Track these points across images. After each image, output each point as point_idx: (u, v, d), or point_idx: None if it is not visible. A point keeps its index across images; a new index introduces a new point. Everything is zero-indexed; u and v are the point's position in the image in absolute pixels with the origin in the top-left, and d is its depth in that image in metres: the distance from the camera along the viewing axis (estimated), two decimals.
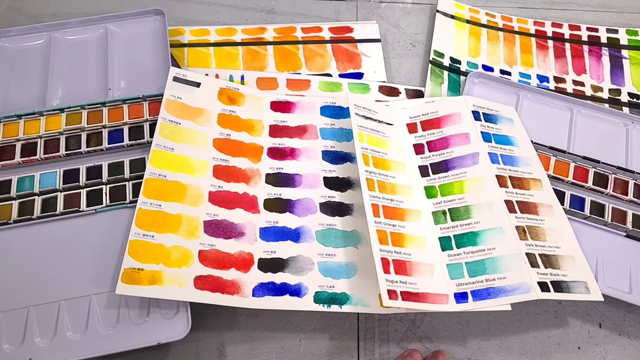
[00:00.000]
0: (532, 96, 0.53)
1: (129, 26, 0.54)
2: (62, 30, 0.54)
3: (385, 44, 0.59)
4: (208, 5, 0.61)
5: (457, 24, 0.60)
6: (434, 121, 0.49)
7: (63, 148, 0.47)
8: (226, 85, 0.50)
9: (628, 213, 0.47)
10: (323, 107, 0.51)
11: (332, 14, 0.61)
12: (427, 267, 0.41)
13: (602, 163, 0.49)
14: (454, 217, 0.44)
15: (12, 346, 0.39)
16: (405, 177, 0.46)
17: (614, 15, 0.63)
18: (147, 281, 0.39)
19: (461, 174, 0.46)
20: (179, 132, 0.46)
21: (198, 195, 0.44)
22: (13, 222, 0.44)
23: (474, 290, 0.40)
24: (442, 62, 0.56)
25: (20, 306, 0.40)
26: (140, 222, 0.41)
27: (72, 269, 0.42)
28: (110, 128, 0.48)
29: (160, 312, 0.40)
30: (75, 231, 0.44)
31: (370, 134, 0.46)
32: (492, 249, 0.42)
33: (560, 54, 0.58)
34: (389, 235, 0.41)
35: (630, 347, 0.44)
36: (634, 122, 0.52)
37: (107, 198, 0.45)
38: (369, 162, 0.44)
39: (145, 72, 0.52)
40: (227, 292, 0.40)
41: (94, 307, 0.41)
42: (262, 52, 0.56)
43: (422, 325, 0.44)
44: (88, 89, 0.51)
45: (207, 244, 0.42)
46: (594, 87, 0.56)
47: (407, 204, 0.44)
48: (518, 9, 0.63)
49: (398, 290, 0.39)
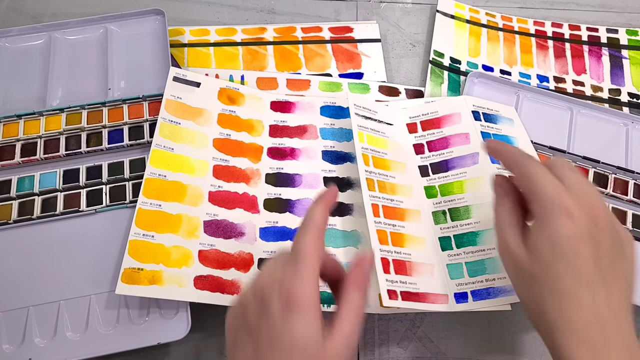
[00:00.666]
0: (532, 96, 0.53)
1: (129, 26, 0.54)
2: (62, 30, 0.54)
3: (385, 44, 0.59)
4: (208, 5, 0.61)
5: (457, 24, 0.60)
6: (434, 121, 0.49)
7: (63, 148, 0.47)
8: (226, 85, 0.50)
9: (628, 213, 0.47)
10: (323, 107, 0.51)
11: (332, 14, 0.61)
12: (427, 267, 0.41)
13: (602, 163, 0.49)
14: (454, 217, 0.44)
15: (12, 346, 0.39)
16: (405, 177, 0.46)
17: (614, 15, 0.63)
18: (147, 281, 0.39)
19: (461, 174, 0.46)
20: (179, 132, 0.46)
21: (198, 195, 0.44)
22: (13, 222, 0.44)
23: (474, 290, 0.40)
24: (442, 62, 0.56)
25: (20, 306, 0.40)
26: (140, 222, 0.41)
27: (72, 269, 0.42)
28: (110, 128, 0.48)
29: (160, 312, 0.40)
30: (75, 231, 0.44)
31: (370, 133, 0.46)
32: (492, 248, 0.42)
33: (560, 54, 0.58)
34: (389, 235, 0.41)
35: None
36: (634, 122, 0.52)
37: (107, 198, 0.45)
38: (369, 162, 0.44)
39: (145, 72, 0.52)
40: (227, 292, 0.40)
41: (94, 307, 0.41)
42: (262, 52, 0.56)
43: (422, 325, 0.44)
44: (88, 89, 0.51)
45: (207, 244, 0.42)
46: (594, 87, 0.56)
47: (407, 204, 0.44)
48: (518, 9, 0.63)
49: (398, 290, 0.39)
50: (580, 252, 0.29)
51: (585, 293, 0.29)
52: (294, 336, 0.26)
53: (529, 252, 0.31)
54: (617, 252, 0.30)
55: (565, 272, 0.29)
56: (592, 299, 0.29)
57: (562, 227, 0.30)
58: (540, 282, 0.30)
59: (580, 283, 0.29)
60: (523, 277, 0.32)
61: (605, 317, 0.29)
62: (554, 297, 0.29)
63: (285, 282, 0.28)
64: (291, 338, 0.26)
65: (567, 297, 0.29)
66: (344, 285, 0.29)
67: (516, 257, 0.32)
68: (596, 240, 0.30)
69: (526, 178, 0.32)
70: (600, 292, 0.29)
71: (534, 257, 0.31)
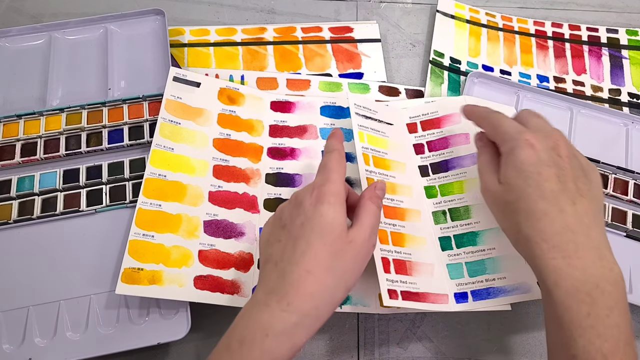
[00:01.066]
0: (532, 96, 0.53)
1: (129, 26, 0.54)
2: (62, 30, 0.54)
3: (385, 44, 0.59)
4: (208, 5, 0.61)
5: (457, 24, 0.60)
6: (434, 121, 0.49)
7: (63, 148, 0.47)
8: (226, 85, 0.50)
9: (628, 213, 0.47)
10: (323, 107, 0.51)
11: (332, 14, 0.61)
12: (427, 267, 0.41)
13: (602, 163, 0.49)
14: (454, 217, 0.44)
15: (12, 346, 0.39)
16: (405, 177, 0.46)
17: (614, 15, 0.63)
18: (147, 281, 0.39)
19: (461, 174, 0.46)
20: (179, 132, 0.46)
21: (198, 195, 0.44)
22: (13, 222, 0.44)
23: (473, 290, 0.40)
24: (442, 62, 0.56)
25: (20, 306, 0.40)
26: (140, 222, 0.41)
27: (72, 269, 0.42)
28: (110, 128, 0.48)
29: (160, 312, 0.40)
30: (75, 231, 0.44)
31: (371, 133, 0.46)
32: (492, 248, 0.42)
33: (560, 54, 0.58)
34: (389, 235, 0.41)
35: None
36: (634, 122, 0.52)
37: (107, 198, 0.45)
38: (369, 161, 0.44)
39: (145, 72, 0.52)
40: (227, 292, 0.40)
41: (94, 307, 0.41)
42: (262, 52, 0.56)
43: (422, 325, 0.44)
44: (88, 89, 0.51)
45: (207, 243, 0.42)
46: (594, 87, 0.56)
47: (407, 203, 0.44)
48: (518, 9, 0.63)
49: (398, 289, 0.39)
50: (544, 174, 0.34)
51: (553, 208, 0.33)
52: (323, 218, 0.32)
53: (502, 185, 0.36)
54: (581, 175, 0.35)
55: (533, 193, 0.34)
56: (559, 213, 0.33)
57: (525, 156, 0.34)
58: (514, 206, 0.35)
59: (547, 200, 0.33)
60: (500, 207, 0.36)
61: (574, 228, 0.32)
62: (527, 215, 0.34)
63: (317, 185, 0.34)
64: (320, 220, 0.32)
65: (537, 213, 0.33)
66: (361, 201, 0.35)
67: (493, 192, 0.37)
68: (558, 166, 0.34)
69: (493, 126, 0.38)
70: (567, 207, 0.33)
71: (507, 187, 0.35)
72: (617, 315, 0.31)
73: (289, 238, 0.33)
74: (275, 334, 0.30)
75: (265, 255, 0.35)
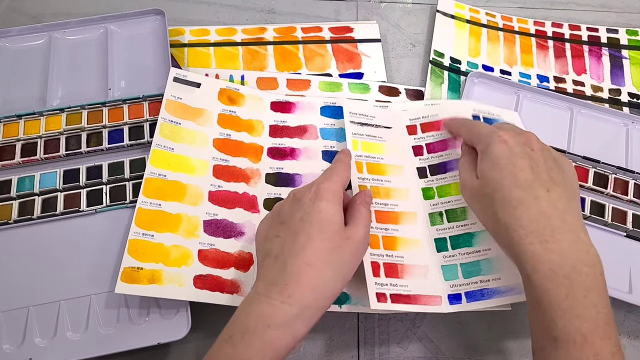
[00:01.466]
0: (532, 96, 0.53)
1: (129, 26, 0.54)
2: (62, 30, 0.54)
3: (385, 44, 0.59)
4: (208, 5, 0.61)
5: (457, 24, 0.60)
6: (434, 124, 0.49)
7: (63, 148, 0.47)
8: (226, 85, 0.50)
9: (628, 213, 0.47)
10: (323, 107, 0.51)
11: (332, 14, 0.61)
12: (421, 269, 0.41)
13: (602, 163, 0.49)
14: (450, 218, 0.44)
15: (12, 346, 0.39)
16: (402, 179, 0.46)
17: (614, 15, 0.63)
18: (146, 280, 0.39)
19: (459, 176, 0.46)
20: (179, 132, 0.46)
21: (198, 194, 0.44)
22: (13, 222, 0.44)
23: (467, 292, 0.40)
24: (442, 62, 0.56)
25: (20, 306, 0.40)
26: (140, 222, 0.41)
27: (72, 269, 0.42)
28: (110, 128, 0.48)
29: (160, 312, 0.40)
30: (75, 231, 0.44)
31: (366, 140, 0.47)
32: (487, 249, 0.42)
33: (560, 54, 0.58)
34: (381, 239, 0.41)
35: (630, 347, 0.44)
36: (634, 122, 0.52)
37: (107, 198, 0.45)
38: (362, 169, 0.44)
39: (145, 72, 0.52)
40: (227, 291, 0.40)
41: (94, 307, 0.41)
42: (262, 52, 0.56)
43: (422, 325, 0.44)
44: (88, 89, 0.51)
45: (207, 243, 0.42)
46: (594, 87, 0.56)
47: (402, 207, 0.44)
48: (518, 9, 0.63)
49: (387, 292, 0.39)
50: (517, 165, 0.36)
51: (528, 195, 0.34)
52: (322, 214, 0.34)
53: (480, 179, 0.38)
54: (554, 166, 0.36)
55: (509, 183, 0.35)
56: (534, 200, 0.34)
57: (499, 150, 0.37)
58: (491, 198, 0.36)
59: (522, 188, 0.35)
60: (479, 200, 0.38)
61: (549, 213, 0.34)
62: (504, 204, 0.35)
63: (316, 183, 0.36)
64: (319, 215, 0.34)
65: (513, 201, 0.35)
66: (354, 204, 0.37)
67: (472, 187, 0.39)
68: (531, 158, 0.36)
69: (468, 130, 0.42)
70: (541, 194, 0.34)
71: (483, 181, 0.37)
72: (595, 296, 0.31)
73: (289, 233, 0.34)
74: (277, 325, 0.31)
75: (263, 251, 0.35)
